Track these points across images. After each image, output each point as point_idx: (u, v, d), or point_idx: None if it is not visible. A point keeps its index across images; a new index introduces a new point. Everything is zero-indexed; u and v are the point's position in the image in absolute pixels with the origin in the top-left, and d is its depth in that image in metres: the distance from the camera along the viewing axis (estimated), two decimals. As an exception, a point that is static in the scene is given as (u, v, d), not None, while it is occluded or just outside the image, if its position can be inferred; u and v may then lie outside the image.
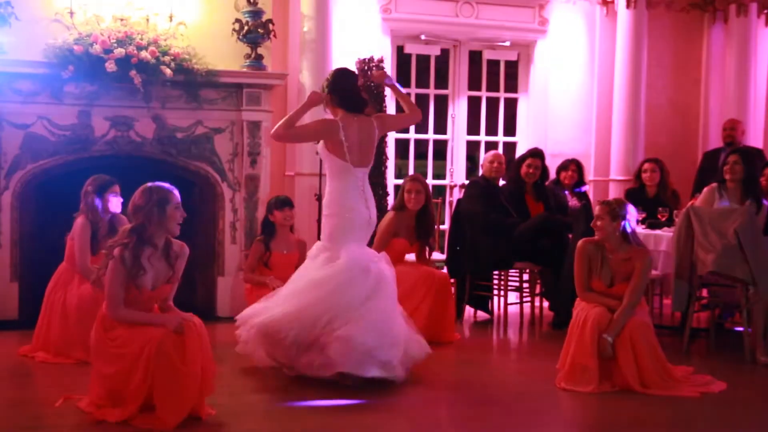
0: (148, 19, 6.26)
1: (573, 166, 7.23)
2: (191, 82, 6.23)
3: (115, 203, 5.18)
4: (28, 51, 5.93)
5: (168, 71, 6.04)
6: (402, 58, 7.85)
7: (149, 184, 3.94)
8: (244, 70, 6.46)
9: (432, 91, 8.01)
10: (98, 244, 5.15)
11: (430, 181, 8.03)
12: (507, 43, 8.07)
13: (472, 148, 8.32)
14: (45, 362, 4.99)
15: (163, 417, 3.74)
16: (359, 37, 7.43)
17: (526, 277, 6.88)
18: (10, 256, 6.07)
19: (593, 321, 4.56)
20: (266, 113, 6.58)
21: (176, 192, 3.95)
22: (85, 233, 5.12)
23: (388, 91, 7.20)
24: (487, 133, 8.19)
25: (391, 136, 7.50)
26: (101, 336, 3.90)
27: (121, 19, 6.19)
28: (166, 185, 3.95)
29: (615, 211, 4.68)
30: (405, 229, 5.81)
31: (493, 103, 8.20)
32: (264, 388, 4.52)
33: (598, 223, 4.70)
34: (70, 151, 6.15)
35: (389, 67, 7.43)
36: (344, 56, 7.15)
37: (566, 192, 7.15)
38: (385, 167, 7.11)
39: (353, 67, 6.96)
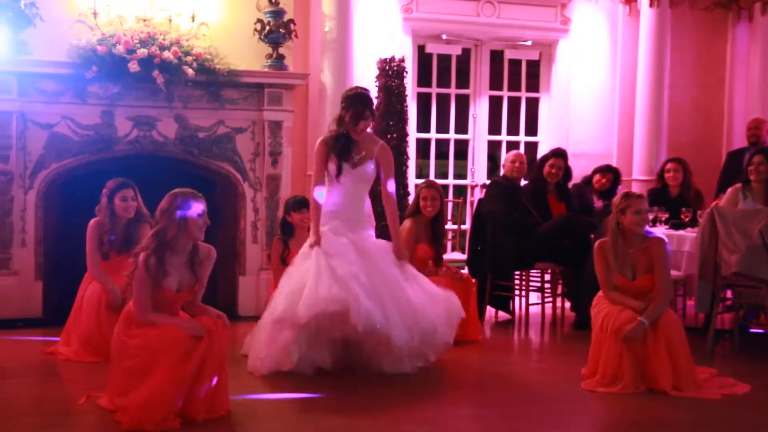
0: (170, 20, 6.27)
1: (610, 176, 7.11)
2: (213, 82, 6.25)
3: (122, 207, 5.13)
4: (52, 51, 5.96)
5: (190, 71, 6.08)
6: (423, 58, 7.84)
7: (176, 189, 3.97)
8: (266, 70, 6.46)
9: (453, 91, 7.99)
10: (113, 248, 5.13)
11: (451, 181, 8.05)
12: (528, 43, 8.04)
13: (494, 148, 8.28)
14: (68, 360, 5.00)
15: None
16: (380, 36, 7.43)
17: (547, 277, 6.82)
18: (34, 255, 6.10)
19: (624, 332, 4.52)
20: (288, 113, 6.59)
21: (201, 198, 3.97)
22: (93, 234, 5.12)
23: (409, 91, 7.22)
24: (509, 133, 8.17)
25: (412, 136, 7.48)
26: (123, 332, 3.91)
27: (144, 20, 6.21)
28: (192, 191, 3.97)
29: (648, 203, 4.75)
30: (424, 235, 5.82)
31: (514, 103, 8.16)
32: (281, 387, 4.50)
33: (643, 216, 4.65)
34: (93, 150, 6.17)
35: (410, 67, 7.40)
36: (365, 56, 7.19)
37: (593, 195, 7.09)
38: (406, 167, 7.10)
39: (374, 67, 7.04)
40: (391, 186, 5.06)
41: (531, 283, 6.74)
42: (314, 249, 4.76)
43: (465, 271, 6.47)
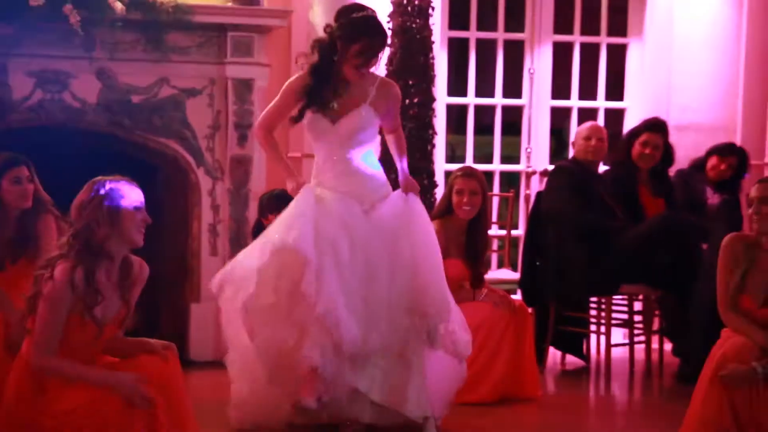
0: (91, -66, 6.36)
1: (733, 160, 7.08)
2: (153, 21, 6.26)
3: (15, 193, 5.04)
4: None
5: (119, 6, 6.08)
6: (458, -11, 7.86)
7: (99, 177, 3.97)
8: (230, 4, 6.51)
9: (501, 35, 7.97)
10: (5, 252, 5.05)
11: (498, 167, 8.04)
12: (611, -34, 8.09)
13: (560, 119, 8.29)
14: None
15: None
16: (395, -43, 7.46)
17: (638, 306, 6.82)
18: None
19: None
20: (261, 67, 6.60)
21: (136, 188, 3.99)
22: None
23: (437, 35, 7.21)
24: (581, 97, 8.16)
25: (442, 102, 7.47)
26: (29, 398, 3.80)
27: (55, -67, 6.29)
28: (123, 178, 4.00)
29: None
30: (456, 246, 5.78)
31: (590, 53, 8.15)
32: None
33: (765, 208, 4.56)
34: (-26, 120, 6.22)
35: (439, 1, 7.36)
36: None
37: (707, 186, 7.09)
38: (433, 146, 7.06)
39: (387, 2, 7.02)
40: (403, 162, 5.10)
41: (614, 315, 6.71)
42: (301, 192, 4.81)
43: (517, 296, 6.47)
